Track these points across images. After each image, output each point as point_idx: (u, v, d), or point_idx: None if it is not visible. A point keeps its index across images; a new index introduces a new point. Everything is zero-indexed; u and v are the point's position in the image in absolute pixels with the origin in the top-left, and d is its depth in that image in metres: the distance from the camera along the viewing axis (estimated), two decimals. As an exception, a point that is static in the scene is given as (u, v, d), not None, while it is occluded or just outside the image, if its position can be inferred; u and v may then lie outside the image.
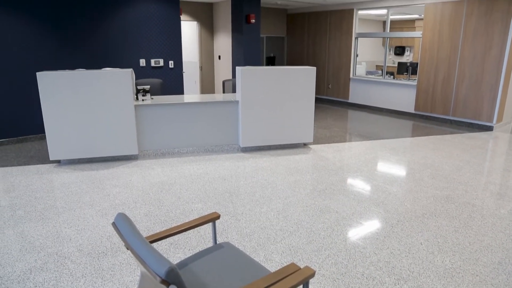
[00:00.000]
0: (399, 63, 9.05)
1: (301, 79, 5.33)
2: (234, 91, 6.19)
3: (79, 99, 4.61)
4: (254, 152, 5.42)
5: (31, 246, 2.91)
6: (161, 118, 5.07)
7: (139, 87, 5.09)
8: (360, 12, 9.19)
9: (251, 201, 3.74)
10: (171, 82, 7.18)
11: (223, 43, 8.88)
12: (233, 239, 3.03)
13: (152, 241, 1.84)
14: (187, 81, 9.11)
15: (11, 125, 5.80)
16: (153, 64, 6.88)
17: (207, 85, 9.50)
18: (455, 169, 4.75)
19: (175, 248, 2.89)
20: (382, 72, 9.08)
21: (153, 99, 5.25)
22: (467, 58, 7.03)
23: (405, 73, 8.83)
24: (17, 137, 5.88)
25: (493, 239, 3.02)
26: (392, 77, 8.82)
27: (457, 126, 7.32)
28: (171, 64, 7.09)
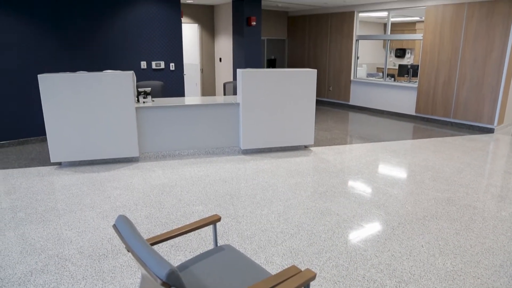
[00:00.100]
0: (400, 66, 9.06)
1: (302, 81, 5.34)
2: (235, 93, 6.20)
3: (80, 101, 4.62)
4: (255, 154, 5.42)
5: (31, 248, 2.91)
6: (162, 120, 5.07)
7: (140, 89, 5.10)
8: (360, 14, 9.21)
9: (252, 203, 3.74)
10: (172, 84, 7.19)
11: (224, 46, 8.90)
12: (234, 241, 3.02)
13: (153, 243, 1.84)
14: (188, 83, 9.13)
15: (12, 127, 5.81)
16: (154, 66, 6.89)
17: (208, 87, 9.52)
18: (456, 171, 4.74)
19: (176, 250, 2.89)
20: (383, 74, 9.09)
21: (154, 101, 5.26)
22: (468, 60, 7.03)
23: (406, 76, 8.84)
24: (18, 139, 5.88)
25: (495, 242, 3.02)
26: (393, 79, 8.83)
27: (458, 128, 7.32)
28: (172, 66, 7.10)
